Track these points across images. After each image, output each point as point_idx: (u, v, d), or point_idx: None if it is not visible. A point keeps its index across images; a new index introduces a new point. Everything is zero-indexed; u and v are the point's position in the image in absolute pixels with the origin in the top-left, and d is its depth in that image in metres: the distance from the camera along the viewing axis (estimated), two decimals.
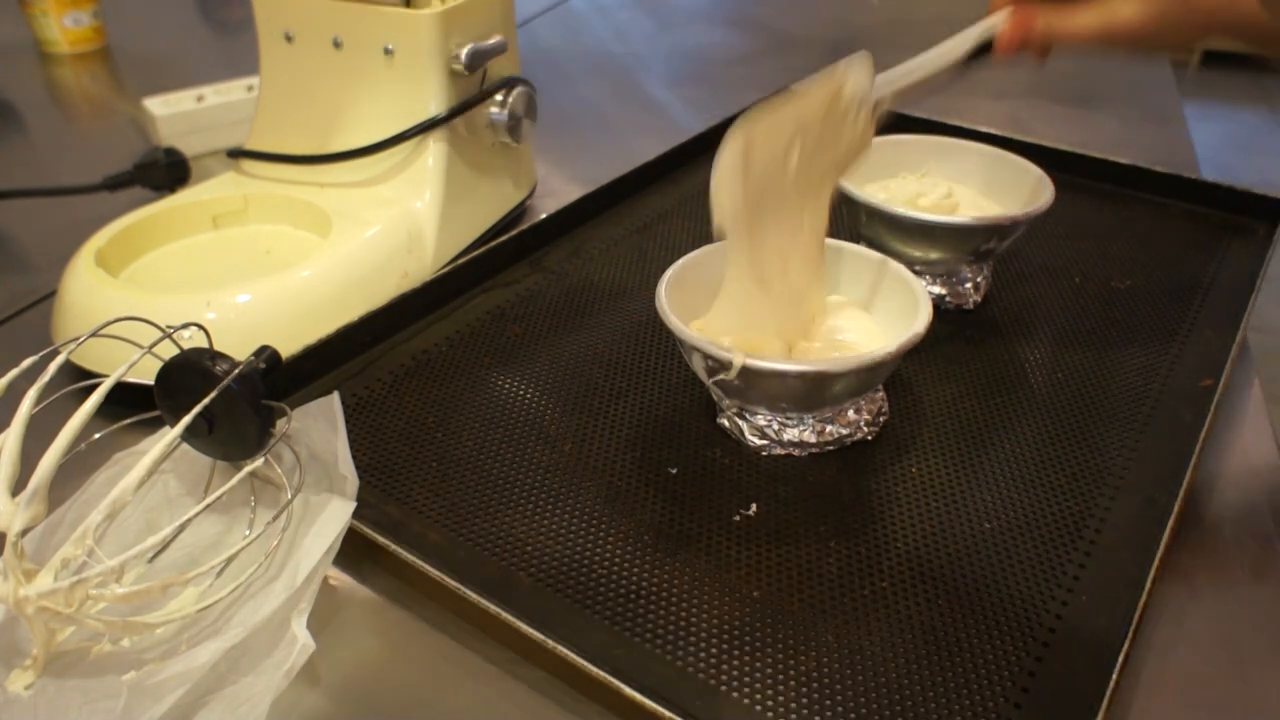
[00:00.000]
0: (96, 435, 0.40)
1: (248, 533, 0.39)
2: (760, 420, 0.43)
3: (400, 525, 0.39)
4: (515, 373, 0.49)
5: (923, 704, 0.32)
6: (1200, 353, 0.50)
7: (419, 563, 0.36)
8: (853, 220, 0.54)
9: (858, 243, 0.48)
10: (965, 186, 0.57)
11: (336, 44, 0.55)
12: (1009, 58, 0.44)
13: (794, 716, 0.32)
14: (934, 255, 0.52)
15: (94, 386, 0.35)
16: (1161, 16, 0.40)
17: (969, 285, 0.54)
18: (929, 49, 0.44)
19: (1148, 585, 0.35)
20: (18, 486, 0.32)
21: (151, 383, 0.38)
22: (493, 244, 0.57)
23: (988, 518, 0.40)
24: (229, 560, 0.36)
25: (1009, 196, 0.55)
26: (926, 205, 0.54)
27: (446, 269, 0.54)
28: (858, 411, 0.43)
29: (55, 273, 0.51)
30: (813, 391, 0.41)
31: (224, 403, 0.36)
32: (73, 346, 0.36)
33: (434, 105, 0.55)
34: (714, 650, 0.34)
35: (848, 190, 0.52)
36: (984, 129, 0.69)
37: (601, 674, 0.32)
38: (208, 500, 0.34)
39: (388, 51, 0.54)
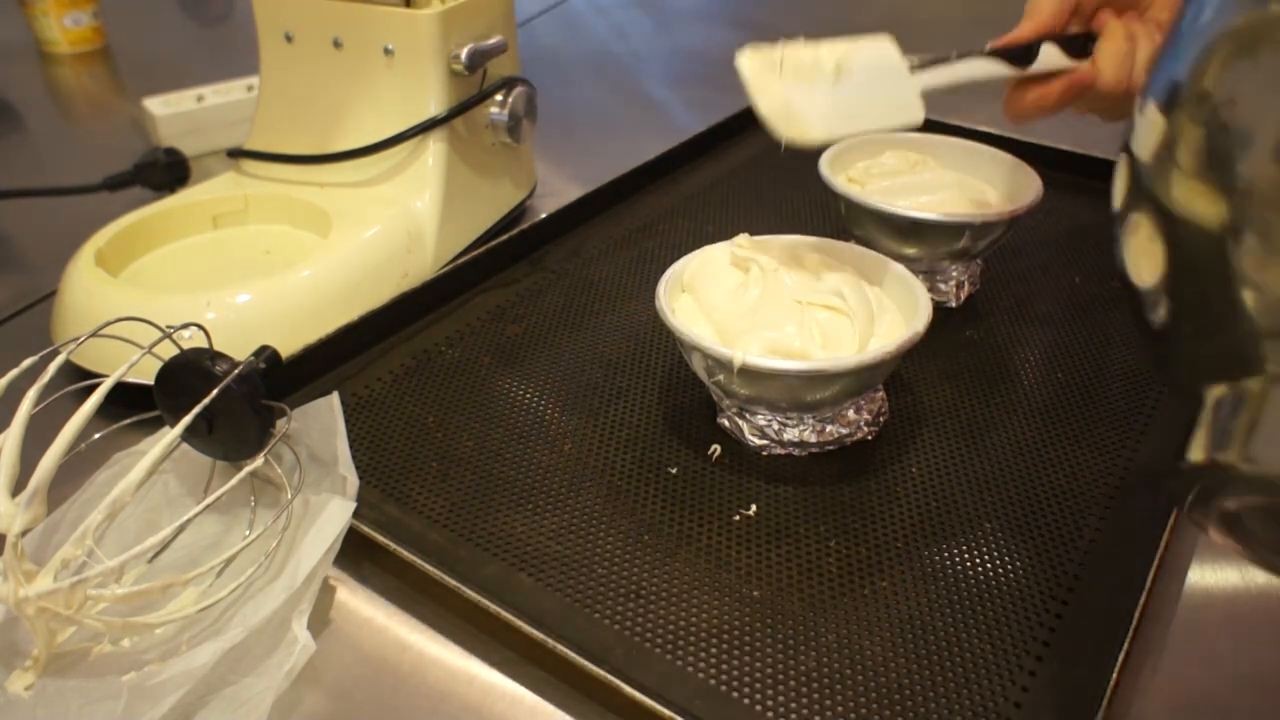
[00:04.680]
0: (96, 435, 0.40)
1: (248, 533, 0.39)
2: (760, 420, 0.43)
3: (400, 525, 0.39)
4: (515, 373, 0.49)
5: (923, 704, 0.32)
6: None
7: (419, 563, 0.36)
8: (836, 210, 0.55)
9: (844, 236, 0.49)
10: (982, 182, 0.57)
11: (336, 44, 0.55)
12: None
13: (794, 716, 0.32)
14: (909, 251, 0.52)
15: (94, 386, 0.35)
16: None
17: (951, 284, 0.54)
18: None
19: (1148, 585, 0.35)
20: (18, 487, 0.32)
21: (151, 383, 0.38)
22: (493, 244, 0.57)
23: (988, 518, 0.40)
24: (229, 560, 0.36)
25: (1017, 198, 0.55)
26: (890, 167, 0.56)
27: (446, 269, 0.54)
28: (858, 411, 0.43)
29: (55, 273, 0.51)
30: (812, 391, 0.41)
31: (224, 403, 0.36)
32: (73, 346, 0.36)
33: (434, 105, 0.55)
34: (714, 650, 0.34)
35: (828, 181, 0.54)
36: (984, 129, 0.69)
37: (601, 674, 0.32)
38: (208, 500, 0.34)
39: (388, 51, 0.54)
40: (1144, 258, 0.27)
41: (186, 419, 0.35)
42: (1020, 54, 0.47)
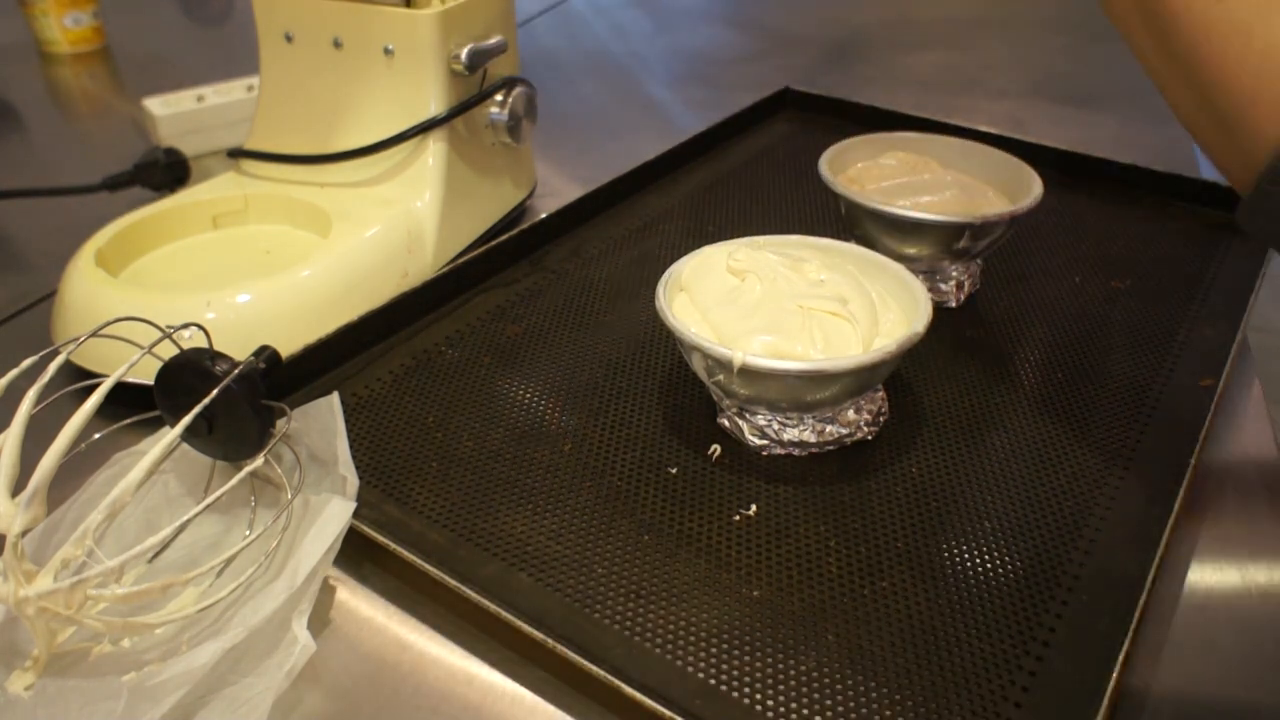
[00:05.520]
0: (96, 435, 0.40)
1: (248, 533, 0.39)
2: (760, 420, 0.43)
3: (400, 525, 0.39)
4: (515, 372, 0.49)
5: (923, 704, 0.32)
6: (1200, 353, 0.50)
7: (419, 563, 0.36)
8: (836, 210, 0.55)
9: (844, 236, 0.48)
10: (982, 182, 0.57)
11: (336, 44, 0.55)
12: None
13: (794, 716, 0.32)
14: (909, 250, 0.52)
15: (94, 386, 0.35)
16: None
17: (951, 284, 0.54)
18: None
19: (1148, 585, 0.35)
20: (18, 487, 0.32)
21: (151, 383, 0.38)
22: (493, 244, 0.57)
23: (987, 517, 0.40)
24: (229, 560, 0.36)
25: (1017, 198, 0.55)
26: (893, 171, 0.55)
27: (446, 269, 0.54)
28: (858, 411, 0.43)
29: (55, 273, 0.51)
30: (812, 391, 0.41)
31: (224, 403, 0.36)
32: (73, 347, 0.36)
33: (434, 105, 0.55)
34: (714, 650, 0.34)
35: (828, 181, 0.53)
36: (984, 129, 0.69)
37: (601, 674, 0.32)
38: (208, 500, 0.34)
39: (388, 51, 0.54)
40: None
41: (186, 419, 0.35)
42: None
